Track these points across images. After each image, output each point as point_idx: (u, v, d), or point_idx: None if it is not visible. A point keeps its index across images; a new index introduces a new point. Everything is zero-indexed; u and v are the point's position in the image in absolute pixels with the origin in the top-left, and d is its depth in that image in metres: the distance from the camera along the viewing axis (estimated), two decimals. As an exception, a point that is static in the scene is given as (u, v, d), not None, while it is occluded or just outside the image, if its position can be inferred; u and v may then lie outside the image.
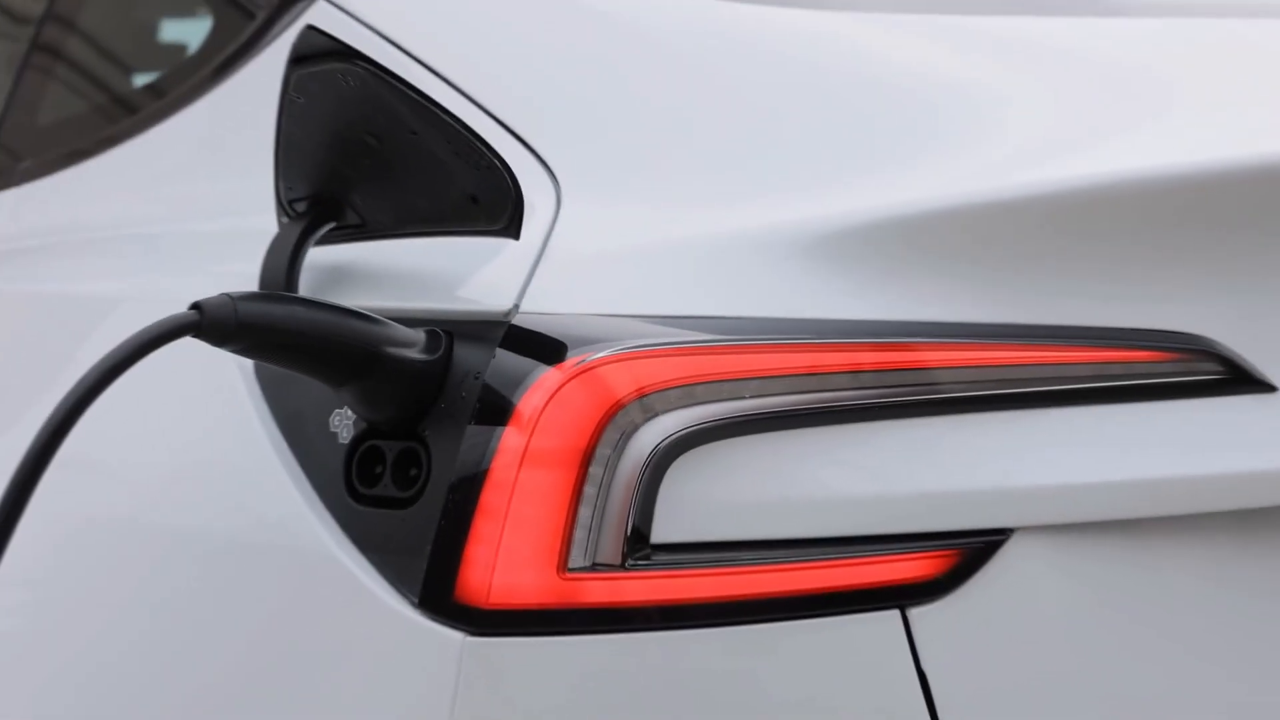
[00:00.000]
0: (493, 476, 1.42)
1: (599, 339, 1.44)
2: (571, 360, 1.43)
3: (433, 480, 1.45)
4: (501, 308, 1.48)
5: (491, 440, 1.43)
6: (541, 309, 1.48)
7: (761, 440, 1.43)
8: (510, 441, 1.42)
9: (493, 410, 1.44)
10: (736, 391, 1.43)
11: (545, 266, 1.51)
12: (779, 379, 1.44)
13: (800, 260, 1.47)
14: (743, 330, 1.45)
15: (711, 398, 1.43)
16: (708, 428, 1.42)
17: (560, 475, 1.41)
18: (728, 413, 1.43)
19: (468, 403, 1.45)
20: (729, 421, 1.43)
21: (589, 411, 1.42)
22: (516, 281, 1.50)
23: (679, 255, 1.51)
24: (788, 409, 1.44)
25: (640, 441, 1.42)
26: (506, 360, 1.45)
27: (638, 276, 1.50)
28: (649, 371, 1.42)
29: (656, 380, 1.42)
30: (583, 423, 1.41)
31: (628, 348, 1.43)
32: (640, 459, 1.41)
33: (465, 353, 1.47)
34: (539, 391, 1.42)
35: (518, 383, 1.43)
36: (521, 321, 1.47)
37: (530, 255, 1.52)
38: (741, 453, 1.43)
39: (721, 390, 1.43)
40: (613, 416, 1.41)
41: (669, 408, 1.42)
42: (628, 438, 1.41)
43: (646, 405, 1.42)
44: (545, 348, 1.45)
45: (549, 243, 1.53)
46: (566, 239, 1.53)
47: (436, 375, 1.47)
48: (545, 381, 1.43)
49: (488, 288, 1.51)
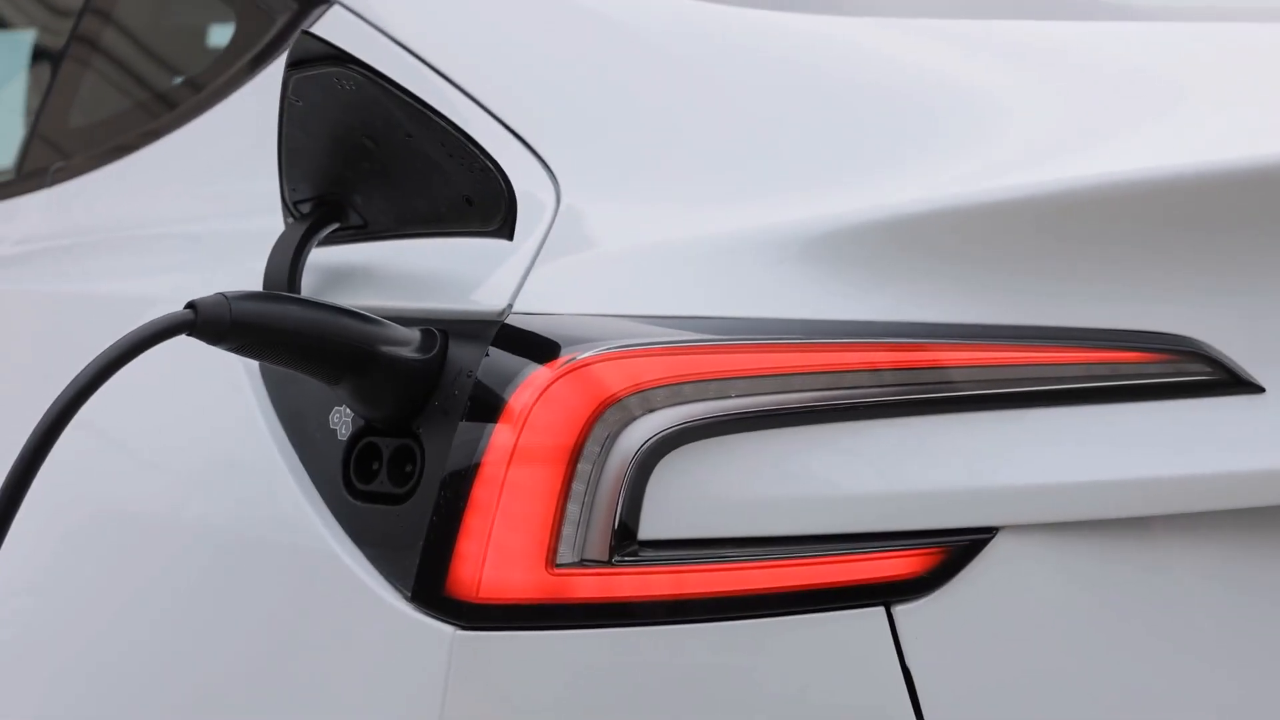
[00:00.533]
0: (483, 473, 1.44)
1: (589, 338, 1.46)
2: (561, 359, 1.45)
3: (426, 476, 1.48)
4: (496, 307, 1.51)
5: (482, 437, 1.45)
6: (535, 309, 1.50)
7: (749, 439, 1.45)
8: (500, 438, 1.44)
9: (484, 407, 1.46)
10: (724, 390, 1.45)
11: (541, 267, 1.53)
12: (766, 378, 1.46)
13: (792, 261, 1.49)
14: (732, 330, 1.47)
15: (699, 396, 1.45)
16: (695, 426, 1.44)
17: (549, 472, 1.43)
18: (715, 411, 1.45)
19: (460, 400, 1.47)
20: (716, 420, 1.45)
21: (578, 409, 1.44)
22: (512, 282, 1.52)
23: (673, 256, 1.53)
24: (775, 408, 1.45)
25: (628, 439, 1.44)
26: (498, 359, 1.47)
27: (631, 277, 1.52)
28: (637, 370, 1.44)
29: (645, 379, 1.44)
30: (571, 420, 1.44)
31: (617, 347, 1.45)
32: (628, 456, 1.43)
33: (460, 351, 1.50)
34: (528, 389, 1.45)
35: (508, 380, 1.46)
36: (515, 321, 1.49)
37: (527, 256, 1.54)
38: (729, 451, 1.45)
39: (709, 389, 1.45)
40: (601, 414, 1.44)
41: (657, 406, 1.44)
42: (616, 435, 1.44)
43: (635, 403, 1.44)
44: (536, 346, 1.47)
45: (545, 243, 1.55)
46: (564, 240, 1.55)
47: (431, 373, 1.49)
48: (535, 379, 1.45)
49: (484, 288, 1.53)
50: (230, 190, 1.95)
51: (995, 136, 1.59)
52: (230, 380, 1.64)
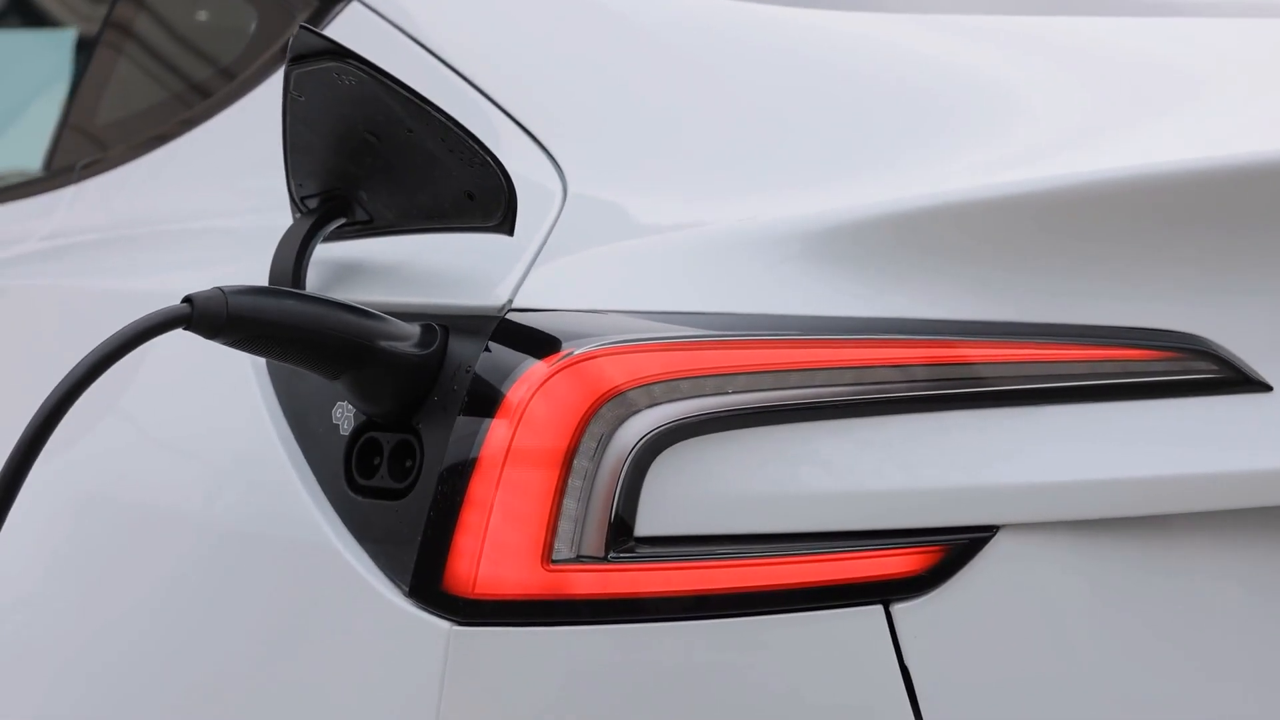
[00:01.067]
0: (479, 468, 1.44)
1: (588, 334, 1.46)
2: (558, 354, 1.45)
3: (424, 472, 1.47)
4: (496, 303, 1.50)
5: (479, 432, 1.45)
6: (535, 304, 1.50)
7: (747, 435, 1.44)
8: (496, 433, 1.44)
9: (481, 403, 1.46)
10: (721, 386, 1.44)
11: (543, 262, 1.53)
12: (764, 374, 1.45)
13: (793, 257, 1.48)
14: (731, 326, 1.46)
15: (696, 392, 1.44)
16: (693, 422, 1.44)
17: (545, 467, 1.43)
18: (713, 407, 1.44)
19: (458, 395, 1.47)
20: (714, 416, 1.44)
21: (574, 405, 1.43)
22: (514, 277, 1.52)
23: (675, 252, 1.52)
24: (773, 404, 1.44)
25: (625, 435, 1.43)
26: (496, 354, 1.47)
27: (633, 272, 1.51)
28: (635, 365, 1.44)
29: (642, 374, 1.44)
30: (568, 416, 1.43)
31: (614, 342, 1.44)
32: (625, 452, 1.43)
33: (459, 346, 1.49)
34: (525, 384, 1.44)
35: (505, 376, 1.45)
36: (515, 316, 1.49)
37: (531, 251, 1.54)
38: (727, 447, 1.44)
39: (706, 385, 1.44)
40: (598, 410, 1.43)
41: (654, 402, 1.43)
42: (613, 431, 1.43)
43: (632, 399, 1.43)
44: (535, 342, 1.47)
45: (549, 239, 1.55)
46: (568, 235, 1.55)
47: (431, 369, 1.49)
48: (531, 375, 1.45)
49: (485, 283, 1.53)
50: (254, 186, 1.95)
51: (1003, 131, 1.58)
52: (237, 374, 1.64)
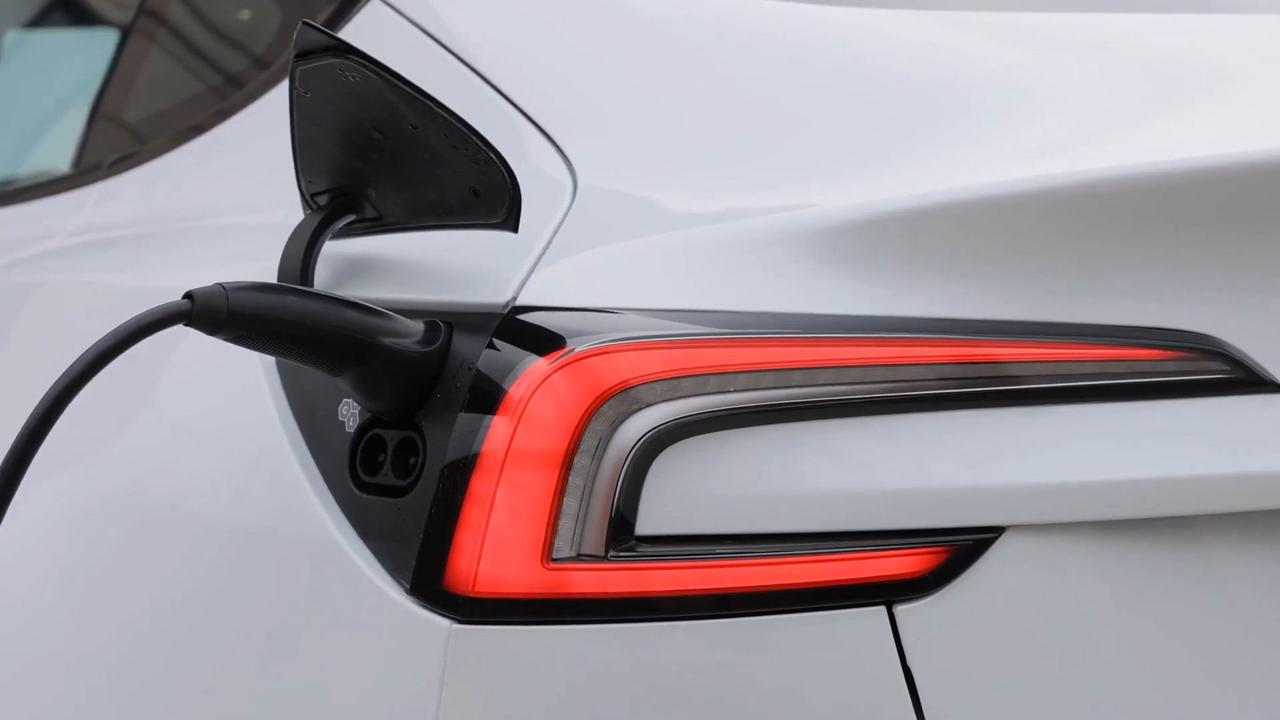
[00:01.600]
0: (480, 465, 1.43)
1: (591, 331, 1.45)
2: (560, 351, 1.44)
3: (427, 469, 1.47)
4: (500, 300, 1.50)
5: (480, 429, 1.44)
6: (539, 301, 1.49)
7: (749, 434, 1.43)
8: (497, 430, 1.44)
9: (482, 400, 1.45)
10: (723, 385, 1.43)
11: (550, 259, 1.52)
12: (767, 373, 1.44)
13: (798, 254, 1.47)
14: (735, 324, 1.45)
15: (699, 391, 1.43)
16: (695, 420, 1.43)
17: (545, 465, 1.42)
18: (715, 406, 1.43)
19: (460, 393, 1.46)
20: (716, 414, 1.43)
21: (575, 402, 1.42)
22: (519, 274, 1.51)
23: (682, 250, 1.51)
24: (776, 403, 1.43)
25: (626, 433, 1.42)
26: (498, 351, 1.46)
27: (638, 270, 1.50)
28: (636, 364, 1.43)
29: (644, 372, 1.43)
30: (569, 413, 1.42)
31: (615, 340, 1.44)
32: (626, 450, 1.42)
33: (463, 344, 1.49)
34: (526, 382, 1.44)
35: (506, 373, 1.45)
36: (518, 314, 1.48)
37: (538, 248, 1.53)
38: (729, 446, 1.43)
39: (708, 383, 1.43)
40: (599, 408, 1.42)
41: (656, 400, 1.43)
42: (614, 429, 1.42)
43: (633, 397, 1.42)
44: (537, 339, 1.46)
45: (556, 236, 1.54)
46: (576, 233, 1.54)
47: (434, 365, 1.49)
48: (532, 372, 1.44)
49: (491, 280, 1.52)
50: (286, 181, 1.95)
51: (1018, 127, 1.57)
52: (246, 370, 1.64)
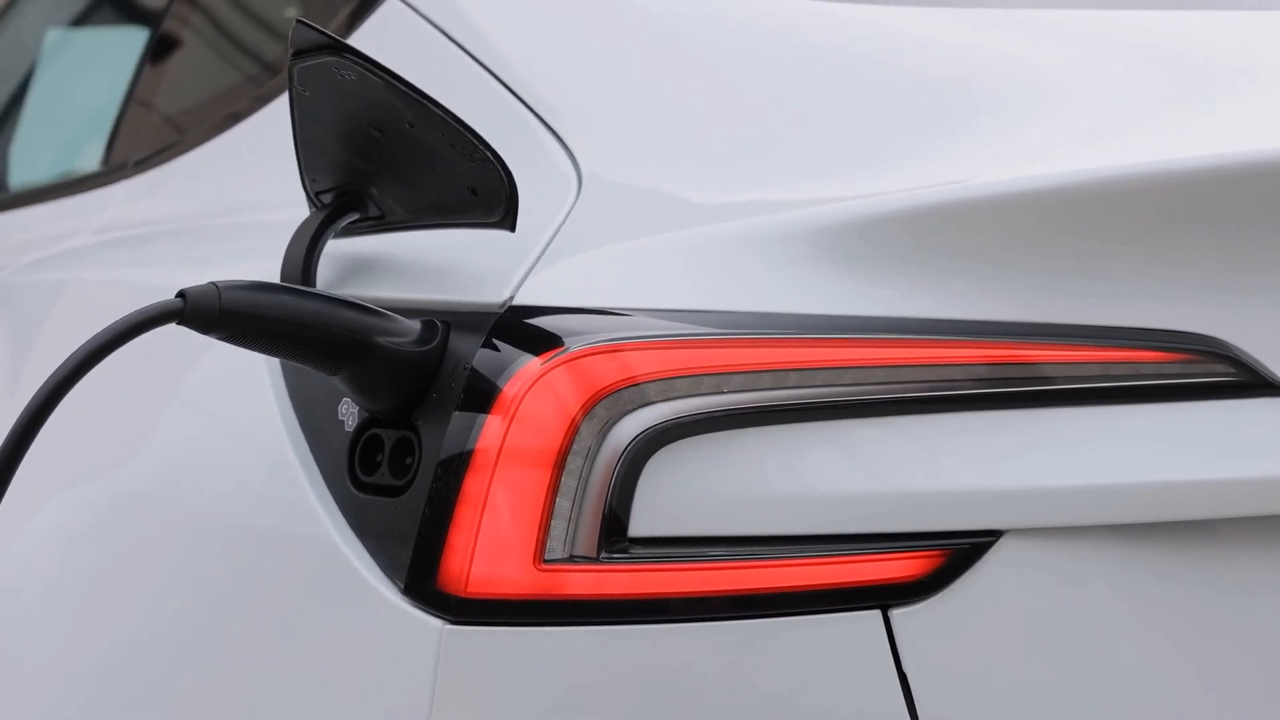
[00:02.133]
0: (473, 465, 1.43)
1: (586, 331, 1.44)
2: (553, 351, 1.43)
3: (422, 469, 1.46)
4: (498, 299, 1.49)
5: (473, 429, 1.43)
6: (536, 301, 1.48)
7: (744, 435, 1.42)
8: (490, 430, 1.43)
9: (476, 399, 1.44)
10: (719, 385, 1.42)
11: (549, 258, 1.51)
12: (763, 373, 1.42)
13: (797, 254, 1.46)
14: (732, 324, 1.44)
15: (694, 391, 1.42)
16: (689, 421, 1.41)
17: (538, 466, 1.41)
18: (709, 406, 1.42)
19: (456, 392, 1.46)
20: (711, 415, 1.42)
21: (568, 402, 1.41)
22: (518, 274, 1.50)
23: (681, 250, 1.50)
24: (771, 404, 1.42)
25: (619, 433, 1.41)
26: (493, 350, 1.46)
27: (637, 270, 1.49)
28: (630, 364, 1.42)
29: (637, 372, 1.42)
30: (561, 413, 1.42)
31: (610, 340, 1.43)
32: (619, 451, 1.41)
33: (460, 343, 1.48)
34: (519, 381, 1.43)
35: (500, 372, 1.44)
36: (515, 313, 1.48)
37: (538, 248, 1.52)
38: (724, 447, 1.42)
39: (703, 384, 1.42)
40: (592, 408, 1.41)
41: (650, 400, 1.41)
42: (608, 429, 1.41)
43: (627, 397, 1.41)
44: (532, 339, 1.45)
45: (557, 236, 1.53)
46: (578, 232, 1.53)
47: (430, 365, 1.48)
48: (526, 371, 1.43)
49: (490, 279, 1.52)
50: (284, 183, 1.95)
51: (1013, 130, 1.55)
52: (249, 368, 1.64)
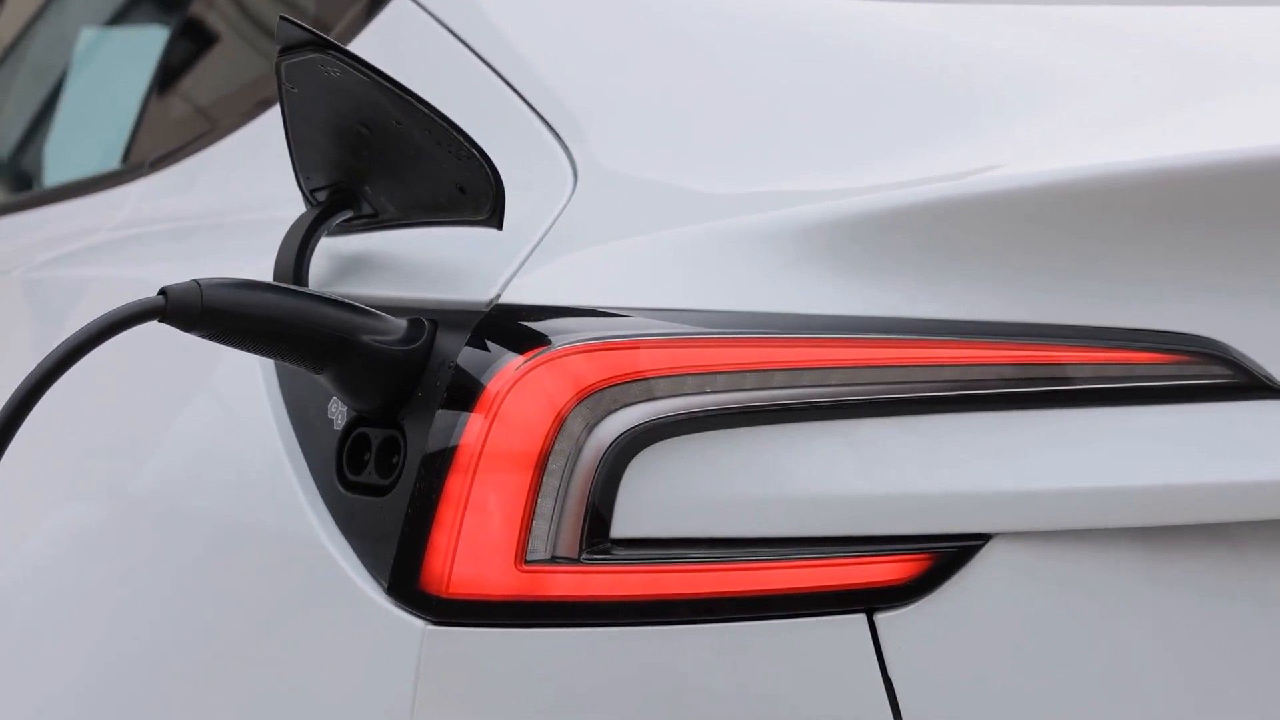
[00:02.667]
0: (455, 464, 1.42)
1: (570, 330, 1.43)
2: (537, 350, 1.42)
3: (406, 468, 1.45)
4: (484, 298, 1.48)
5: (456, 428, 1.42)
6: (524, 300, 1.47)
7: (728, 435, 1.40)
8: (472, 429, 1.42)
9: (460, 398, 1.43)
10: (703, 385, 1.40)
11: (539, 256, 1.50)
12: (748, 373, 1.41)
13: (786, 253, 1.44)
14: (720, 323, 1.42)
15: (677, 391, 1.40)
16: (673, 421, 1.40)
17: (519, 465, 1.40)
18: (694, 406, 1.40)
19: (439, 391, 1.45)
20: (695, 415, 1.40)
21: (550, 401, 1.40)
22: (506, 272, 1.49)
23: (671, 249, 1.48)
24: (756, 404, 1.40)
25: (602, 433, 1.40)
26: (477, 349, 1.45)
27: (627, 269, 1.48)
28: (614, 363, 1.41)
29: (619, 372, 1.40)
30: (543, 413, 1.40)
31: (593, 339, 1.41)
32: (601, 451, 1.39)
33: (446, 342, 1.47)
34: (501, 380, 1.42)
35: (483, 371, 1.43)
36: (501, 312, 1.46)
37: (527, 247, 1.51)
38: (708, 448, 1.40)
39: (687, 384, 1.40)
40: (574, 407, 1.40)
41: (633, 400, 1.40)
42: (590, 429, 1.40)
43: (610, 397, 1.40)
44: (516, 337, 1.44)
45: (548, 234, 1.52)
46: (570, 231, 1.52)
47: (416, 364, 1.47)
48: (508, 370, 1.42)
49: (477, 278, 1.51)
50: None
51: (1020, 124, 1.53)
52: (241, 365, 1.63)
